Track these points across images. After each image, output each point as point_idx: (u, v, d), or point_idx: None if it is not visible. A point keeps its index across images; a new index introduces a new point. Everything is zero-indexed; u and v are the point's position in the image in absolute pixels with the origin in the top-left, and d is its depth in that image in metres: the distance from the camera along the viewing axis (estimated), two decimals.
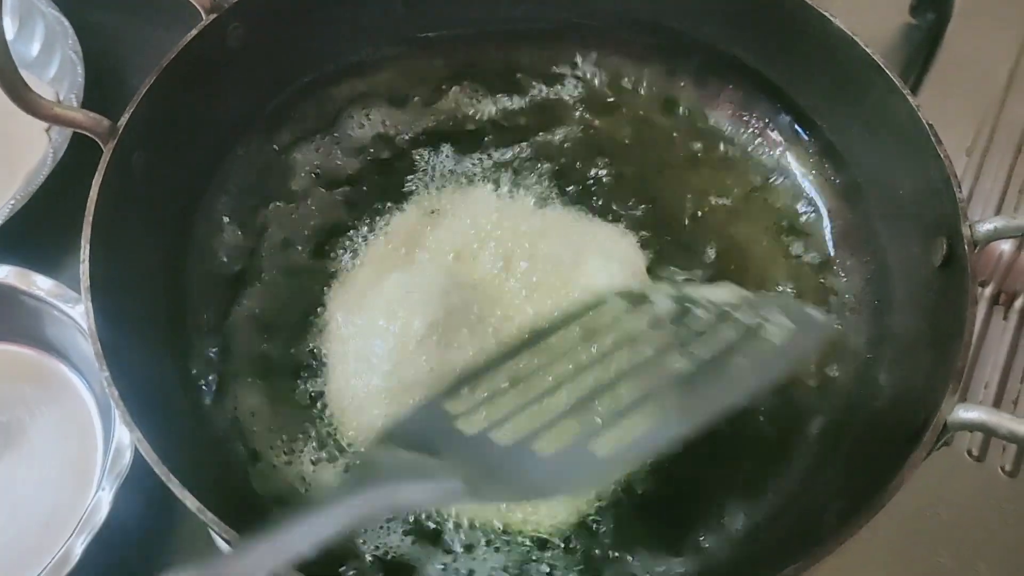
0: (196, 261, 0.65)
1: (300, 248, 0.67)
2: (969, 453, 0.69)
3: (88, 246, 0.50)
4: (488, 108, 0.74)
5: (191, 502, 0.44)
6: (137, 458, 0.63)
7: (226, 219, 0.67)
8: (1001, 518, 0.66)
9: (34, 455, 0.68)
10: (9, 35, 0.86)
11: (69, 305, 0.69)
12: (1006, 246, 0.76)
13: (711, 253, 0.66)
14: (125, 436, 0.64)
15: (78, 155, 0.79)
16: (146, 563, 0.65)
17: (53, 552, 0.60)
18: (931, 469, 0.67)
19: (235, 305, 0.64)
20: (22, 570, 0.61)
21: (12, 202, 0.76)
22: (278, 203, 0.69)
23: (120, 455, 0.63)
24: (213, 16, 0.61)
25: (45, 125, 0.84)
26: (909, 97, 0.58)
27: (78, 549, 0.60)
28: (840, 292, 0.65)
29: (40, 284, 0.70)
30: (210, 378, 0.61)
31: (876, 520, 0.64)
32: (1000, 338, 0.74)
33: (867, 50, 0.60)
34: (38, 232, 0.76)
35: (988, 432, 0.46)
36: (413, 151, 0.71)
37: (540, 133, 0.72)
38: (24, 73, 0.52)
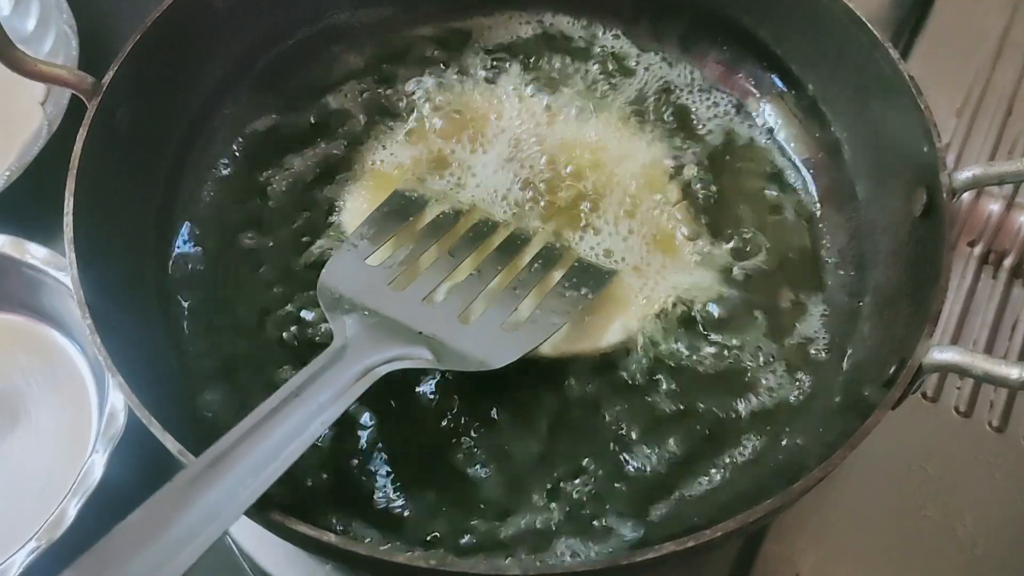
0: (184, 215, 0.65)
1: (291, 200, 0.67)
2: (956, 409, 0.70)
3: (72, 199, 0.51)
4: (478, 71, 0.74)
5: (172, 445, 0.44)
6: (131, 422, 0.63)
7: (214, 173, 0.68)
8: (988, 473, 0.67)
9: (29, 421, 0.69)
10: (5, 11, 0.88)
11: (63, 273, 0.69)
12: (995, 206, 0.77)
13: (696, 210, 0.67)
14: (119, 401, 0.64)
15: (72, 127, 0.79)
16: None
17: (48, 514, 0.60)
18: (918, 425, 0.68)
19: (224, 257, 0.65)
20: (18, 532, 0.62)
21: (7, 173, 0.77)
22: (269, 156, 0.69)
23: (114, 419, 0.64)
24: None
25: (40, 98, 0.85)
26: (891, 50, 0.58)
27: (72, 511, 0.60)
28: (825, 247, 0.65)
29: (34, 252, 0.71)
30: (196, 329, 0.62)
31: (866, 474, 0.65)
32: (989, 296, 0.75)
33: (849, 5, 0.60)
34: (33, 203, 0.76)
35: (962, 372, 0.46)
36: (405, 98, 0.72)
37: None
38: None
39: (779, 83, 0.70)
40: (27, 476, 0.67)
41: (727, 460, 0.56)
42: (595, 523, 0.54)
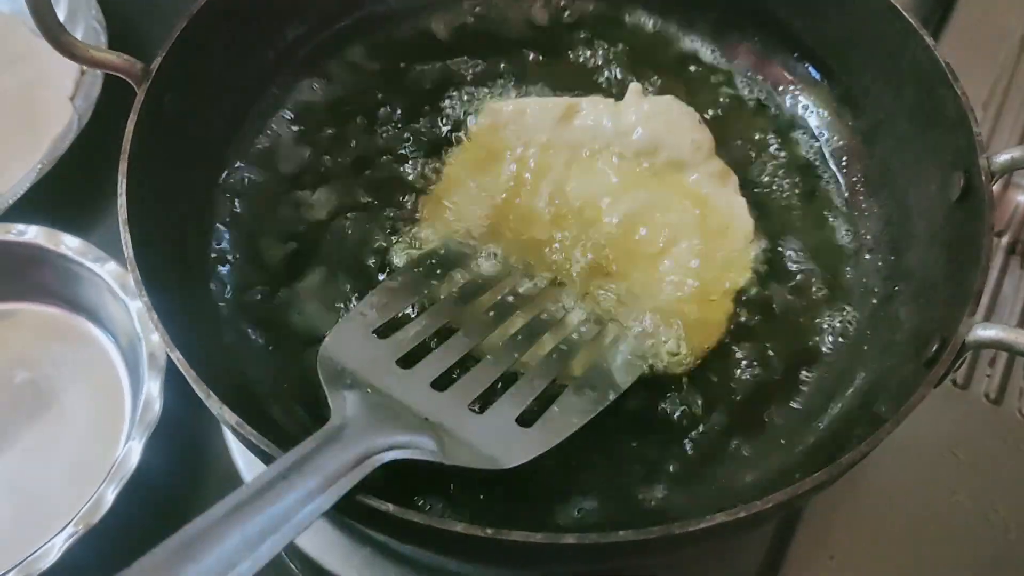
0: (230, 196, 0.66)
1: (331, 180, 0.68)
2: (987, 396, 0.70)
3: (124, 181, 0.52)
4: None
5: (230, 417, 0.44)
6: (165, 411, 0.64)
7: (259, 156, 0.69)
8: (1019, 459, 0.67)
9: (64, 410, 0.70)
10: None
11: (97, 264, 0.70)
12: (1023, 197, 0.77)
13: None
14: (154, 389, 0.65)
15: (101, 121, 0.81)
16: (176, 511, 0.66)
17: (85, 500, 0.61)
18: (950, 412, 0.68)
19: (269, 238, 0.65)
20: (53, 517, 0.63)
21: (39, 166, 0.78)
22: (315, 137, 0.70)
23: (149, 407, 0.64)
24: None
25: (69, 93, 0.86)
26: (926, 37, 0.59)
27: (109, 496, 0.61)
28: (860, 234, 0.65)
29: (68, 243, 0.71)
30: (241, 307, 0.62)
31: (898, 460, 0.65)
32: (1017, 286, 0.75)
33: None
34: (65, 195, 0.78)
35: (1006, 349, 0.47)
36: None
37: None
38: None
39: (813, 72, 0.71)
40: (60, 462, 0.67)
41: (767, 442, 0.57)
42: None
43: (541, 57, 0.74)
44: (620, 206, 0.64)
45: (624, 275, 0.62)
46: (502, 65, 0.73)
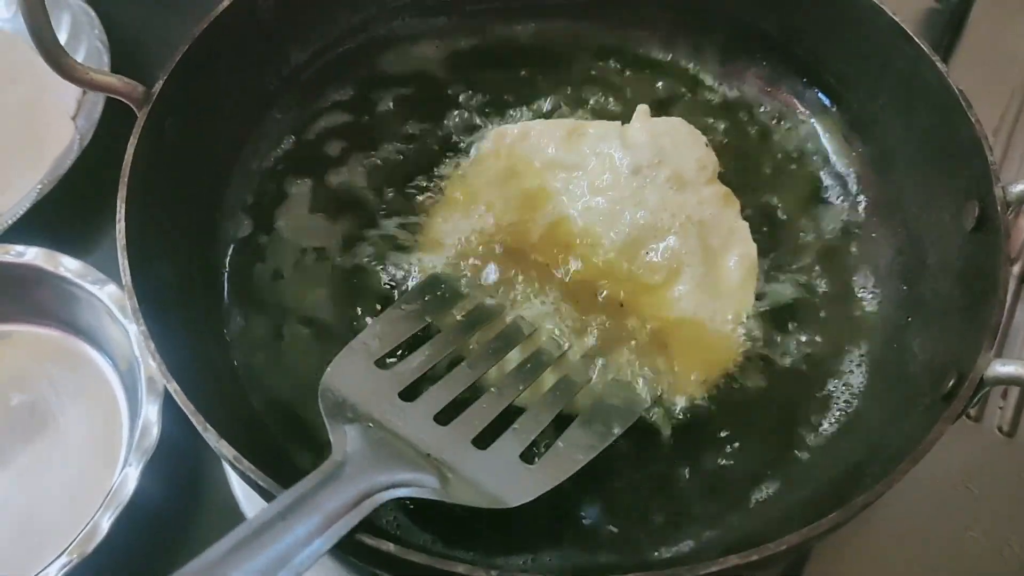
0: (232, 221, 0.66)
1: (336, 206, 0.68)
2: (1000, 429, 0.69)
3: (124, 206, 0.51)
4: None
5: (228, 451, 0.43)
6: (163, 436, 0.63)
7: (262, 180, 0.68)
8: None
9: (60, 434, 0.69)
10: None
11: (96, 286, 0.69)
12: None
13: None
14: (152, 414, 0.64)
15: (103, 141, 0.80)
16: (173, 539, 0.65)
17: (80, 527, 0.60)
18: (962, 445, 0.67)
19: (273, 263, 0.65)
20: (50, 545, 0.61)
21: (39, 187, 0.77)
22: (316, 163, 0.70)
23: (147, 433, 0.63)
24: None
25: (71, 112, 0.85)
26: (938, 63, 0.58)
27: (105, 524, 0.60)
28: (871, 262, 0.64)
29: (67, 265, 0.70)
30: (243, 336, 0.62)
31: (910, 495, 0.64)
32: None
33: (895, 18, 0.61)
34: (65, 216, 0.77)
35: None
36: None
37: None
38: None
39: (822, 97, 0.70)
40: (56, 487, 0.66)
41: (780, 481, 0.56)
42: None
43: (545, 83, 0.74)
44: (623, 230, 0.63)
45: (628, 305, 0.61)
46: (505, 90, 0.73)
